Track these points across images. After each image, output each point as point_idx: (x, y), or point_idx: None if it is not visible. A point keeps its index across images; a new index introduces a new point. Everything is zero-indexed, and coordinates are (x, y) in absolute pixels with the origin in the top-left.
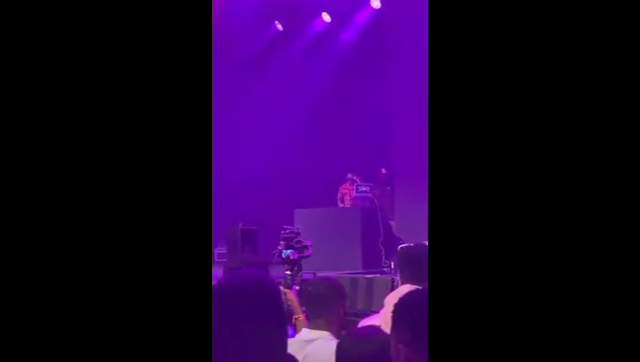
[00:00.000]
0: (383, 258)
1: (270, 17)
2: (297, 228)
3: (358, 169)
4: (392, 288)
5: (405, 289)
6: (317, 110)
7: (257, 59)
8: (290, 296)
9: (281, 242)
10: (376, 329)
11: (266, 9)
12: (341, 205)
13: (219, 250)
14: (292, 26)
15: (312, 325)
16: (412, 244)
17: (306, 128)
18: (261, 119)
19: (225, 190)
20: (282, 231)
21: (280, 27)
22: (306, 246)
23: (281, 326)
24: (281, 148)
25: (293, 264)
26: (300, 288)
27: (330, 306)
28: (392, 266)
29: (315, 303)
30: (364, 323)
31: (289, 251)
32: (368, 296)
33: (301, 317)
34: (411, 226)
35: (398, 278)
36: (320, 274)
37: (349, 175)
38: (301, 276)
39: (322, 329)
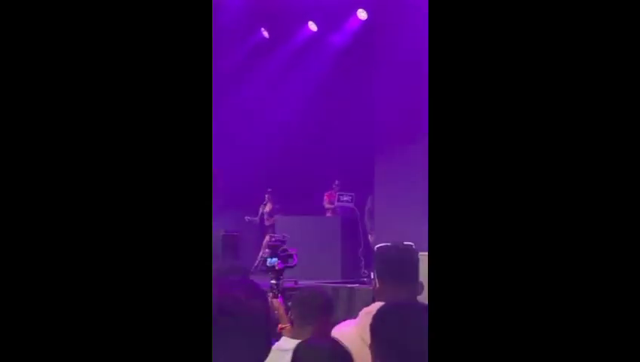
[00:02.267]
0: (363, 268)
1: (256, 24)
2: (284, 237)
3: (343, 178)
4: (374, 299)
5: (378, 305)
6: (303, 117)
7: (242, 65)
8: (277, 305)
9: (266, 250)
10: (331, 339)
11: (252, 16)
12: (326, 210)
13: None
14: (278, 34)
15: (297, 333)
16: (390, 244)
17: (291, 134)
18: (244, 125)
19: None
20: (268, 239)
21: (266, 34)
22: (291, 256)
23: (267, 337)
24: (264, 154)
25: (278, 273)
26: (287, 296)
27: (320, 315)
28: (372, 276)
29: (305, 311)
30: (339, 328)
31: (274, 260)
32: (350, 305)
33: (287, 326)
34: (391, 236)
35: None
36: (301, 282)
37: (336, 182)
38: (282, 284)
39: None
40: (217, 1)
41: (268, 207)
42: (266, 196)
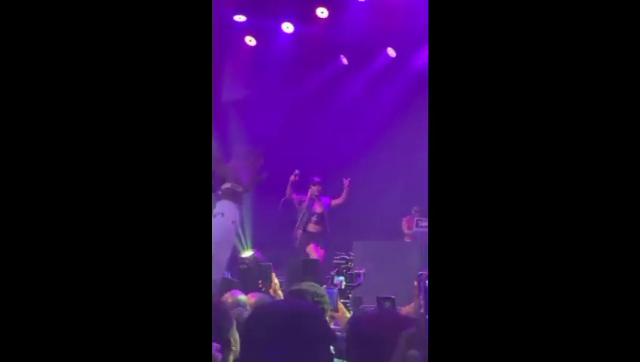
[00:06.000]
0: None
1: (336, 51)
2: (349, 255)
3: (421, 203)
4: None
5: None
6: (381, 138)
7: (322, 92)
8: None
9: (335, 269)
10: None
11: (332, 43)
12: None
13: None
14: (357, 60)
15: None
16: None
17: (366, 158)
18: (323, 147)
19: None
20: (334, 258)
21: (345, 61)
22: (357, 275)
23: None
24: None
25: (343, 292)
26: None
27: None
28: None
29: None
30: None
31: (340, 278)
32: None
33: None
34: None
35: None
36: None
37: (415, 208)
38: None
39: None
40: (298, 32)
41: (318, 207)
42: (312, 188)
